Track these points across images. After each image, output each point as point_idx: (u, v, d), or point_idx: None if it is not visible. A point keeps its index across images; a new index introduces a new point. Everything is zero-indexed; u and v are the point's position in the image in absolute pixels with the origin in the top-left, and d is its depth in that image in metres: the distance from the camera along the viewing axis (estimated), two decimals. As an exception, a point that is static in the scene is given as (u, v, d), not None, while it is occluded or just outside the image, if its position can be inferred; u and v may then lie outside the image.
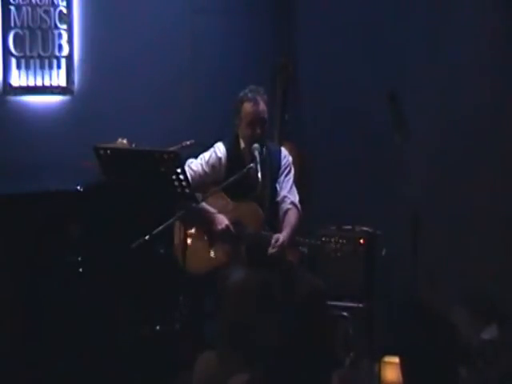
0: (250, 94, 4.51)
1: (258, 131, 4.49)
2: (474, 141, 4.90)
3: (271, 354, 3.30)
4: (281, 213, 4.58)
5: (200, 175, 4.54)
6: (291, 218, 4.54)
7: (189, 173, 4.27)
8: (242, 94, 4.53)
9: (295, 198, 4.61)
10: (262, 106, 4.50)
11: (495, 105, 4.81)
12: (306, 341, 3.58)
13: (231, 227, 4.45)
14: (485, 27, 4.86)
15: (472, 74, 4.89)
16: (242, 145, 4.58)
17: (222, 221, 4.45)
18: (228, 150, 4.59)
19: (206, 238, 4.51)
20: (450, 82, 5.00)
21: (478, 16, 4.91)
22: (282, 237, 4.39)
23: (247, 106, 4.50)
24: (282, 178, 4.63)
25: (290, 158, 4.70)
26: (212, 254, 4.49)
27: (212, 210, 4.48)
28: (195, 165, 4.57)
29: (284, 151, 4.72)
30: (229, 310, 4.20)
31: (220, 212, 4.49)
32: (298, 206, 4.59)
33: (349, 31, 5.65)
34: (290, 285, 4.35)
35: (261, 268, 4.34)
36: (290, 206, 4.57)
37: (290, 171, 4.67)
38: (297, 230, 4.55)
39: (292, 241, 4.49)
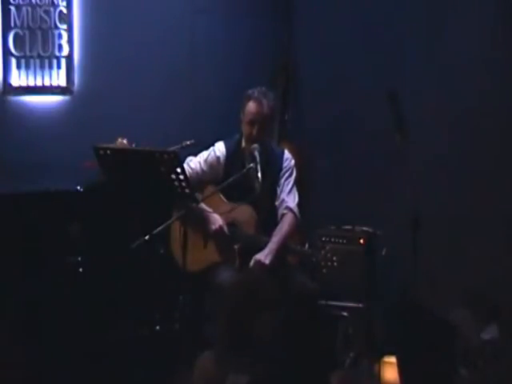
0: (256, 94, 4.49)
1: (255, 132, 4.48)
2: (474, 140, 4.90)
3: (265, 355, 3.29)
4: (278, 217, 4.58)
5: (198, 173, 4.54)
6: (284, 224, 4.52)
7: (187, 171, 4.26)
8: (250, 91, 4.52)
9: (293, 201, 4.58)
10: (266, 109, 4.48)
11: (496, 104, 4.81)
12: (297, 342, 3.58)
13: (225, 228, 4.45)
14: (485, 26, 4.86)
15: (472, 74, 4.89)
16: (244, 144, 4.58)
17: (216, 221, 4.45)
18: (228, 148, 4.59)
19: (200, 236, 4.51)
20: (450, 81, 5.00)
21: (478, 14, 4.91)
22: (263, 257, 4.36)
23: (251, 105, 4.49)
24: (283, 180, 4.62)
25: (293, 161, 4.69)
26: (205, 252, 4.50)
27: (208, 209, 4.48)
28: (194, 163, 4.57)
29: (287, 154, 4.69)
30: (221, 311, 4.21)
31: (216, 212, 4.48)
32: (295, 209, 4.57)
33: (349, 31, 5.65)
34: (281, 286, 4.34)
35: (252, 269, 4.33)
36: (285, 211, 4.55)
37: (291, 174, 4.65)
38: (289, 237, 4.52)
39: (282, 248, 4.47)
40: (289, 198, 4.59)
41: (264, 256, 4.36)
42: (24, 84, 5.53)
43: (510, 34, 4.76)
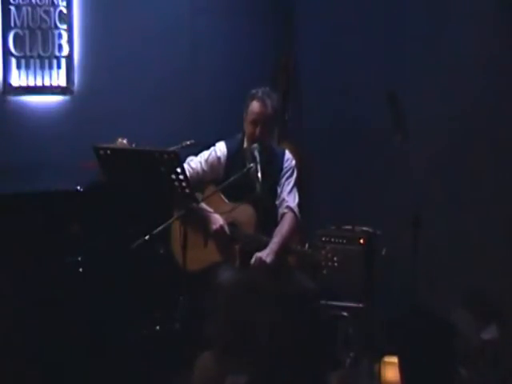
0: (260, 94, 4.50)
1: (258, 132, 4.49)
2: (473, 140, 4.90)
3: (264, 355, 3.30)
4: (278, 217, 4.58)
5: (198, 173, 4.55)
6: (284, 225, 4.52)
7: (187, 170, 4.27)
8: (254, 91, 4.53)
9: (293, 201, 4.59)
10: (269, 110, 4.48)
11: (495, 104, 4.81)
12: (297, 342, 3.59)
13: (226, 228, 4.46)
14: (485, 26, 4.86)
15: (472, 74, 4.89)
16: (245, 144, 4.58)
17: (217, 221, 4.45)
18: (230, 148, 4.59)
19: (201, 236, 4.51)
20: (450, 81, 5.00)
21: (478, 15, 4.91)
22: (264, 255, 4.37)
23: (254, 105, 4.49)
24: (283, 180, 4.62)
25: (293, 162, 4.69)
26: (205, 252, 4.50)
27: (208, 209, 4.48)
28: (194, 163, 4.58)
29: (288, 154, 4.70)
30: (220, 310, 4.21)
31: (216, 212, 4.48)
32: (295, 209, 4.57)
33: (349, 31, 5.66)
34: (280, 286, 4.35)
35: (252, 269, 4.34)
36: (285, 211, 4.56)
37: (291, 174, 4.65)
38: (289, 237, 4.51)
39: (282, 249, 4.47)
40: (289, 197, 4.59)
41: (265, 255, 4.37)
42: (24, 84, 5.54)
43: (509, 34, 4.76)
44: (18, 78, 5.53)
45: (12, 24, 5.50)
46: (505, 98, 4.76)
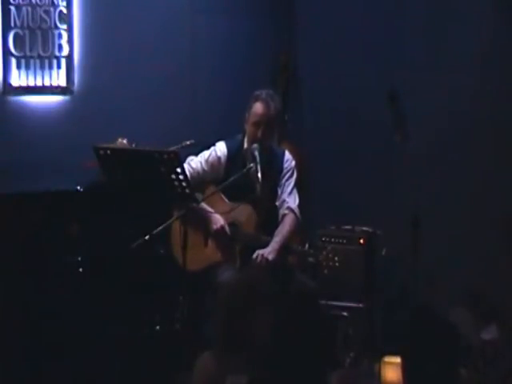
0: (264, 95, 4.51)
1: (260, 134, 4.49)
2: (474, 140, 4.90)
3: (264, 355, 3.30)
4: (279, 217, 4.58)
5: (198, 173, 4.55)
6: (285, 225, 4.53)
7: (188, 170, 4.28)
8: (258, 92, 4.54)
9: (294, 202, 4.60)
10: (272, 111, 4.49)
11: (496, 104, 4.81)
12: (297, 342, 3.59)
13: (226, 228, 4.46)
14: (485, 26, 4.87)
15: (472, 74, 4.89)
16: (246, 144, 4.59)
17: (218, 221, 4.46)
18: (230, 148, 4.59)
19: (201, 235, 4.52)
20: (450, 81, 5.01)
21: (478, 14, 4.91)
22: (266, 253, 4.39)
23: (257, 106, 4.50)
24: (284, 181, 4.63)
25: (293, 162, 4.70)
26: (206, 252, 4.50)
27: (209, 209, 4.49)
28: (195, 162, 4.58)
29: (288, 155, 4.71)
30: (220, 310, 4.21)
31: (216, 212, 4.49)
32: (296, 210, 4.58)
33: (349, 31, 5.66)
34: (281, 285, 4.35)
35: (253, 265, 4.35)
36: (286, 212, 4.57)
37: (291, 175, 4.66)
38: (290, 237, 4.53)
39: (283, 249, 4.47)
40: (290, 198, 4.60)
41: (267, 252, 4.38)
42: (24, 84, 5.53)
43: (510, 34, 4.76)
44: (18, 78, 5.52)
45: (12, 24, 5.49)
46: (505, 98, 4.77)
